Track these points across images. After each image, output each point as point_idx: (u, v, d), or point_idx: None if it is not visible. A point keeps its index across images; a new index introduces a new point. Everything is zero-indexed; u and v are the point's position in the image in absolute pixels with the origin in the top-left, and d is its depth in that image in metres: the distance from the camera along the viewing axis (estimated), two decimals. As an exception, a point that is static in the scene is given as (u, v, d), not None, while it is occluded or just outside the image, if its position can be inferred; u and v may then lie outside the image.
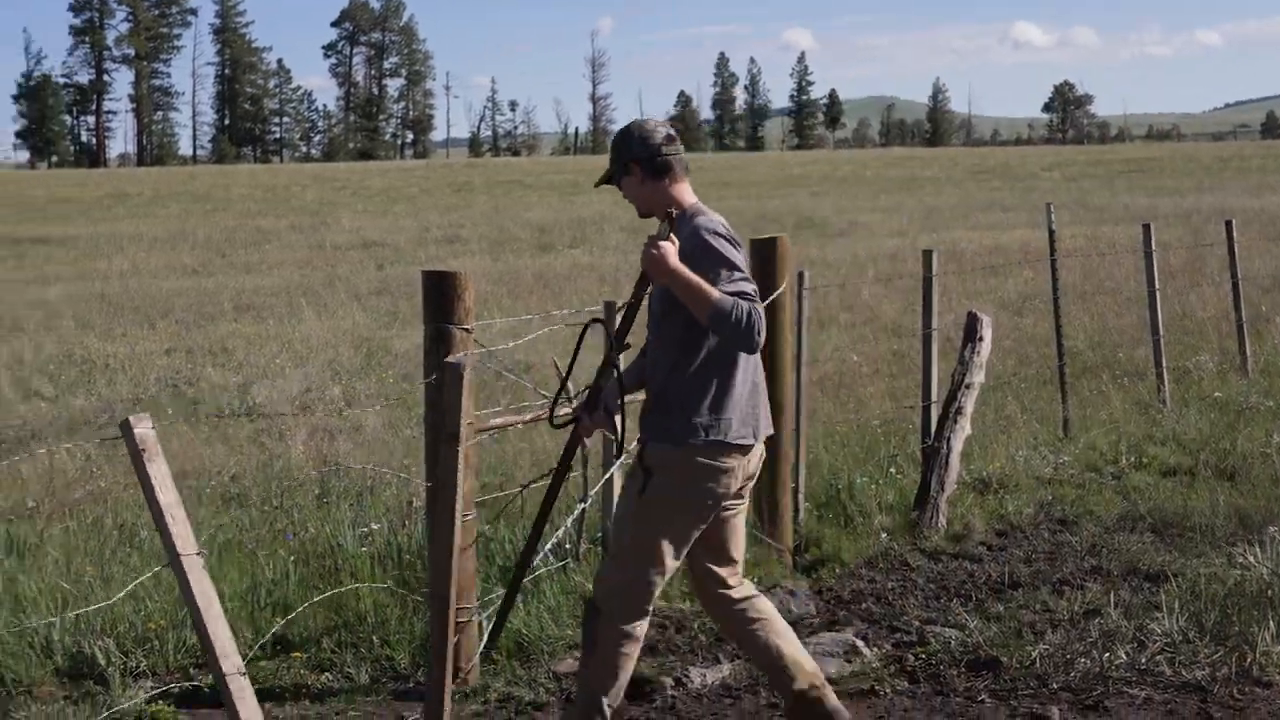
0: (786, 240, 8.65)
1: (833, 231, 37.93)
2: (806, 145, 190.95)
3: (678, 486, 5.49)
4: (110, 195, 70.92)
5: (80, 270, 34.99)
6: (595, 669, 5.67)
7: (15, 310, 24.71)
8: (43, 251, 40.64)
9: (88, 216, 57.07)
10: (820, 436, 11.25)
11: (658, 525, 5.53)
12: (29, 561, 8.40)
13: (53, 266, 36.35)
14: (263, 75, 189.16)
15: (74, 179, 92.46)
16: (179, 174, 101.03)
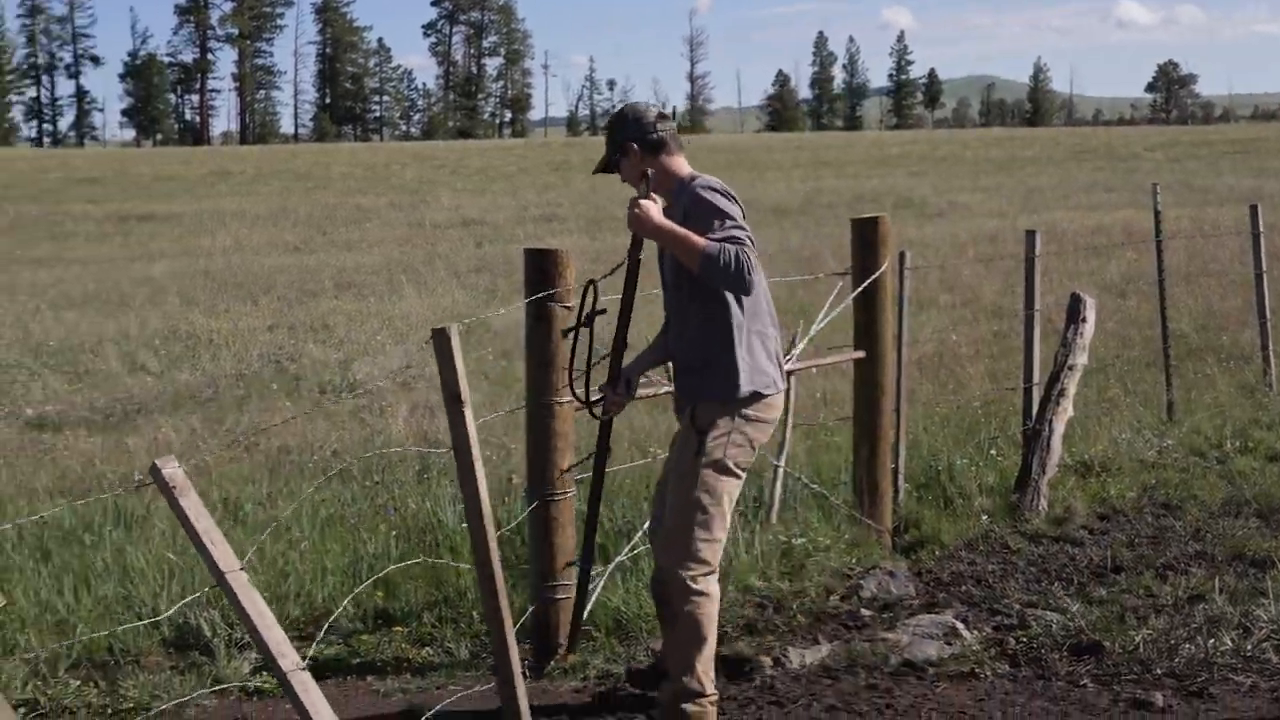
0: (888, 220, 8.59)
1: (931, 212, 37.64)
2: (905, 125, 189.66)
3: (730, 443, 5.71)
4: (213, 173, 71.70)
5: (184, 247, 35.40)
6: (682, 640, 5.75)
7: (122, 286, 25.04)
8: (148, 228, 41.16)
9: (191, 194, 57.73)
10: (920, 417, 11.18)
11: (716, 483, 5.71)
12: (136, 533, 8.52)
13: (158, 243, 36.81)
14: (363, 54, 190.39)
15: (178, 157, 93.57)
16: (281, 152, 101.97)
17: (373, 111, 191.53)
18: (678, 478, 5.80)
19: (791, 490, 8.89)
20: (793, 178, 57.39)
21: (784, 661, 6.75)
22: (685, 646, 5.76)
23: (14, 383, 15.14)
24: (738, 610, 7.41)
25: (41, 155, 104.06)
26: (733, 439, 5.71)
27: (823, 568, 7.97)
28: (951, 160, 69.53)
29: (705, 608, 5.73)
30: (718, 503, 5.72)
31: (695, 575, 5.70)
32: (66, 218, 44.74)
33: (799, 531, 8.26)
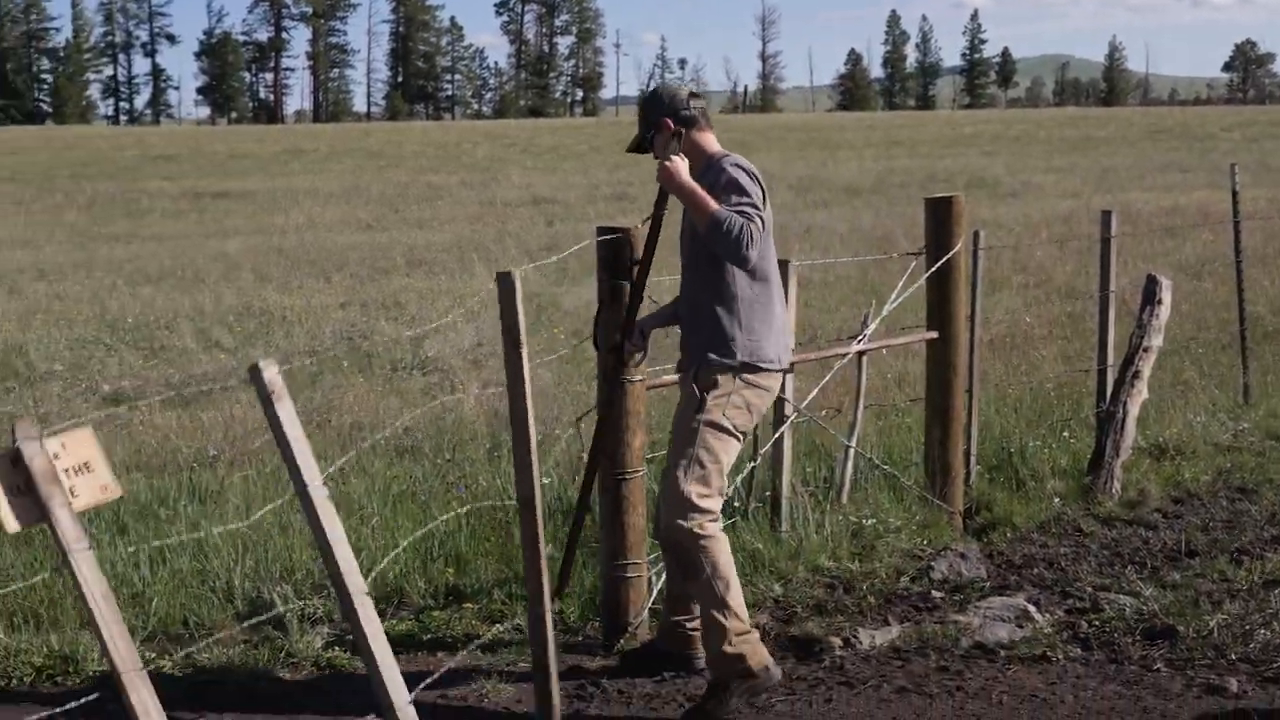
0: (962, 199, 8.54)
1: (1004, 192, 37.36)
2: (978, 104, 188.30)
3: (729, 404, 5.98)
4: (287, 151, 72.14)
5: (258, 224, 35.64)
6: (706, 584, 5.95)
7: (197, 263, 25.24)
8: (222, 205, 41.47)
9: (265, 171, 58.10)
10: (992, 399, 11.12)
11: (715, 441, 5.97)
12: (211, 508, 8.60)
13: (232, 220, 37.07)
14: (435, 33, 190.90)
15: (252, 135, 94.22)
16: (353, 130, 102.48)
17: (445, 90, 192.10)
18: (678, 435, 6.05)
19: (862, 471, 8.86)
20: (865, 157, 57.12)
21: (854, 642, 6.73)
22: (711, 589, 5.95)
23: (91, 358, 15.30)
24: (807, 590, 7.40)
25: (118, 133, 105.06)
26: (732, 400, 5.98)
27: (893, 549, 7.94)
28: (1025, 140, 68.99)
29: (717, 548, 5.97)
30: (715, 460, 5.98)
31: (700, 522, 5.93)
32: (143, 195, 45.15)
33: (869, 513, 8.24)
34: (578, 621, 7.11)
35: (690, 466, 5.96)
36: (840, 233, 25.87)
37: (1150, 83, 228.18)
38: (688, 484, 5.95)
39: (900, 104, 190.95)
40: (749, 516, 8.12)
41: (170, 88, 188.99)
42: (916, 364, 11.70)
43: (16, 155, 69.65)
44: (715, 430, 5.98)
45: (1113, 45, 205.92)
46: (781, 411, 8.03)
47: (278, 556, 7.66)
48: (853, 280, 19.22)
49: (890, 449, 9.57)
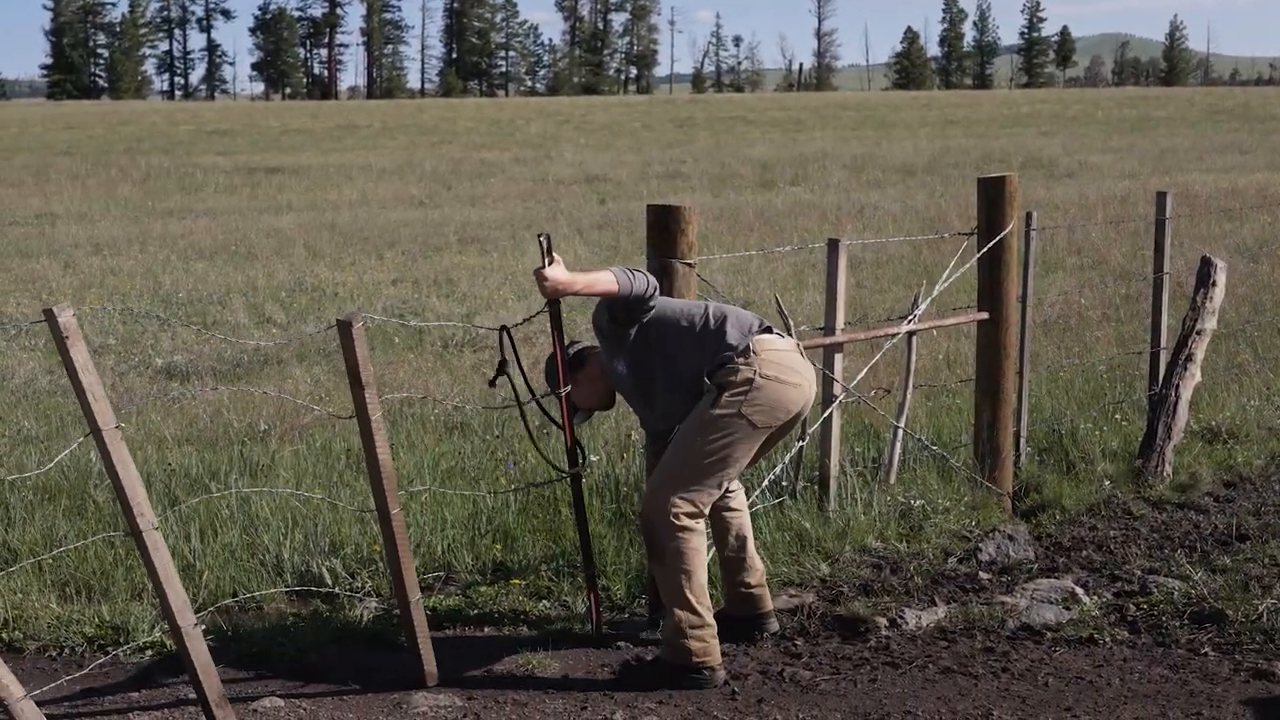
0: (1015, 179, 8.51)
1: (1061, 172, 37.11)
2: (1036, 84, 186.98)
3: (747, 401, 5.96)
4: (340, 127, 72.39)
5: (311, 200, 35.78)
6: (670, 574, 6.02)
7: (249, 238, 25.37)
8: (276, 180, 41.63)
9: (318, 147, 58.31)
10: (1043, 380, 11.08)
11: (727, 436, 5.96)
12: (261, 482, 8.68)
13: (285, 195, 37.21)
14: (490, 9, 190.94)
15: (306, 110, 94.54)
16: (407, 106, 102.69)
17: (498, 67, 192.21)
18: (687, 425, 6.05)
19: (911, 451, 8.86)
20: (920, 136, 56.85)
21: (900, 623, 6.75)
22: (673, 580, 6.02)
23: (144, 332, 15.43)
24: (854, 570, 7.42)
25: (173, 108, 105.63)
26: (750, 397, 5.96)
27: (941, 530, 7.96)
28: (1082, 120, 68.49)
29: (691, 542, 5.99)
30: (722, 455, 5.98)
31: (681, 513, 5.97)
32: (196, 170, 45.39)
33: (918, 493, 8.25)
34: (624, 599, 7.15)
35: (695, 455, 5.99)
36: (893, 213, 25.77)
37: (1211, 62, 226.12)
38: (686, 470, 5.99)
39: (956, 83, 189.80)
40: (797, 496, 8.14)
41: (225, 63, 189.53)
42: (967, 345, 11.67)
43: (73, 130, 70.18)
44: (730, 423, 5.97)
45: (1173, 24, 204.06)
46: (830, 391, 8.04)
47: (326, 530, 7.73)
48: (905, 260, 19.16)
49: (939, 430, 9.56)
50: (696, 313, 6.10)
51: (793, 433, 8.45)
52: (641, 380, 6.15)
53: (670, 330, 6.07)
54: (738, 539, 6.53)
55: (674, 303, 6.22)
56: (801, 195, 32.13)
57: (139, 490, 5.28)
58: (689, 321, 6.07)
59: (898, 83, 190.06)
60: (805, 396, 6.12)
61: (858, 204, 28.09)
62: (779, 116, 78.22)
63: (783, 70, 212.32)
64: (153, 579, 5.40)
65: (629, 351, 6.12)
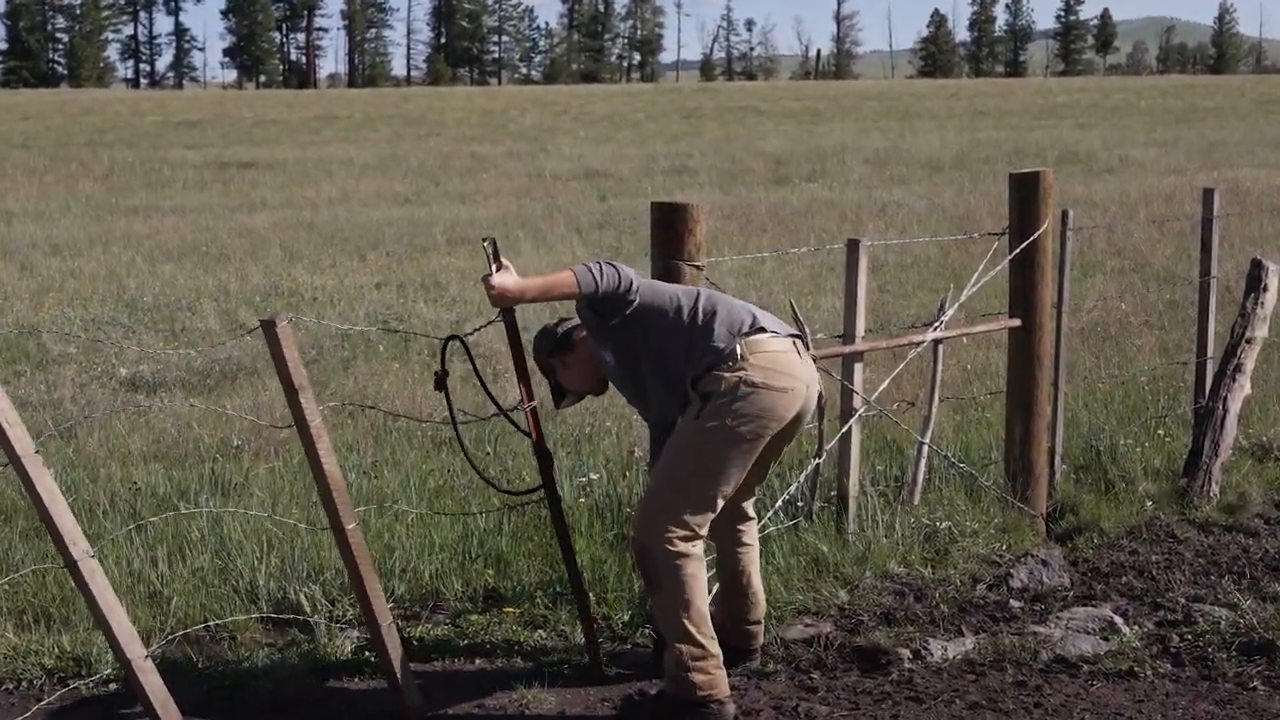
0: (1050, 175, 8.54)
1: (1100, 167, 37.15)
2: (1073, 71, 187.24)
3: (735, 412, 5.90)
4: (319, 117, 72.48)
5: (287, 197, 35.82)
6: (668, 606, 6.01)
7: (221, 238, 25.40)
8: (249, 176, 41.68)
9: (295, 140, 58.38)
10: (1080, 393, 11.11)
11: (716, 451, 5.92)
12: (234, 502, 8.70)
13: (259, 192, 37.26)
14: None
15: (282, 100, 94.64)
16: (391, 95, 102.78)
17: (491, 53, 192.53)
18: (673, 441, 6.03)
19: (937, 470, 8.88)
20: (947, 128, 56.89)
21: (924, 654, 6.77)
22: (671, 610, 6.01)
23: (107, 340, 15.46)
24: (875, 598, 7.44)
25: (138, 97, 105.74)
26: (737, 407, 5.90)
27: (969, 554, 7.98)
28: (1124, 110, 68.54)
29: (688, 568, 5.96)
30: (714, 471, 5.94)
31: (676, 537, 5.94)
32: (164, 164, 45.43)
33: (944, 514, 8.27)
34: (626, 628, 7.17)
35: (683, 474, 5.97)
36: (918, 211, 25.80)
37: (1264, 48, 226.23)
38: (675, 493, 5.96)
39: (987, 70, 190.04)
40: (813, 517, 8.16)
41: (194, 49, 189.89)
42: (998, 354, 11.69)
43: (29, 121, 70.27)
44: (719, 438, 5.93)
45: (1223, 7, 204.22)
46: (850, 404, 8.07)
47: (304, 554, 7.75)
48: (931, 263, 19.19)
49: (968, 446, 9.59)
50: (686, 304, 6.04)
51: (808, 449, 8.48)
52: (630, 370, 6.13)
53: (657, 322, 6.02)
54: (744, 574, 6.54)
55: (662, 289, 6.15)
56: (819, 192, 32.16)
57: (67, 518, 5.28)
58: (676, 313, 6.01)
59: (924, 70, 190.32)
60: (800, 400, 6.03)
61: (880, 201, 28.12)
62: (795, 107, 78.26)
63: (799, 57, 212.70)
64: (93, 611, 5.43)
65: (614, 340, 6.10)
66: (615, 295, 5.93)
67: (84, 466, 9.80)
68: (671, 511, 5.95)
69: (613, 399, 11.47)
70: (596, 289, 5.89)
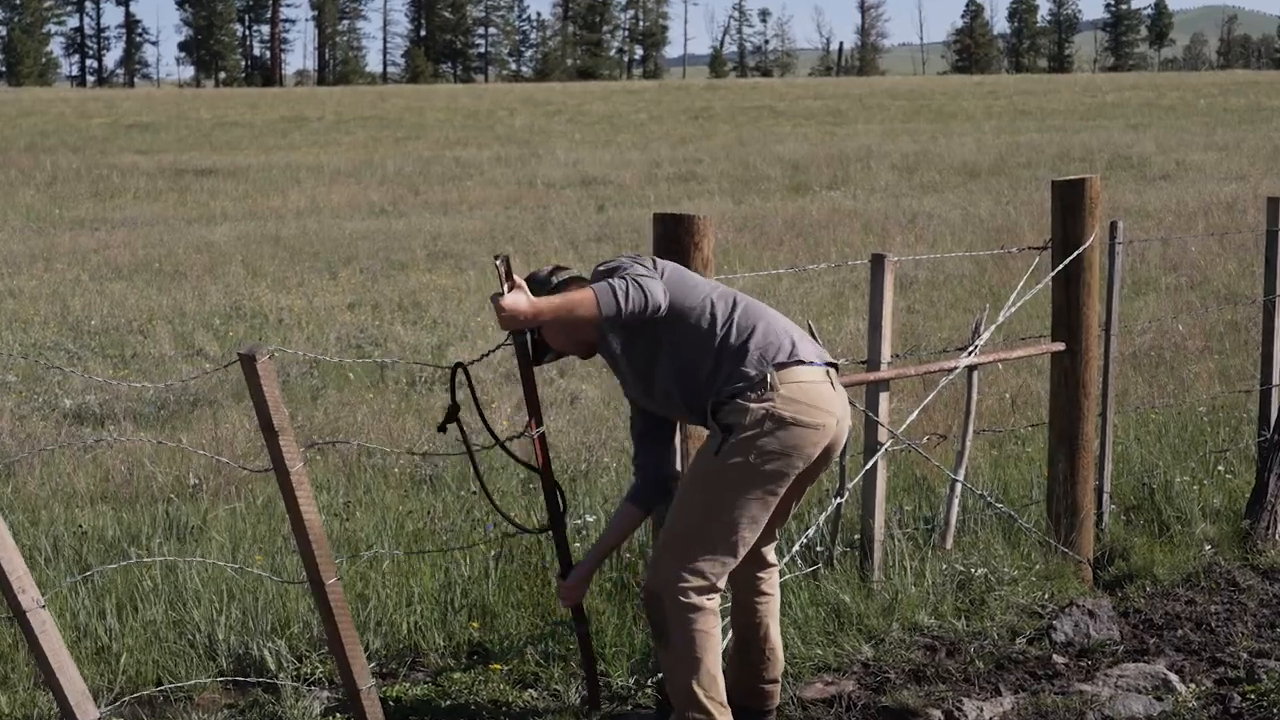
0: (1098, 182, 8.56)
1: (1154, 173, 37.25)
2: (1124, 66, 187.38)
3: (758, 448, 5.85)
4: (286, 119, 72.63)
5: (250, 207, 35.93)
6: (677, 665, 6.00)
7: (176, 253, 25.46)
8: (207, 184, 41.79)
9: (259, 144, 58.51)
10: (1131, 424, 11.12)
11: (737, 490, 5.88)
12: (191, 547, 8.71)
13: (219, 202, 37.36)
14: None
15: (244, 100, 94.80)
16: (366, 95, 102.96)
17: (476, 46, 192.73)
18: (690, 478, 6.02)
19: (972, 510, 8.89)
20: (984, 130, 57.02)
21: (958, 715, 6.78)
22: (681, 672, 6.00)
23: (50, 368, 15.47)
24: (903, 653, 7.45)
25: (84, 97, 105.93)
26: (761, 443, 5.85)
27: (1007, 604, 7.98)
28: (1181, 110, 68.67)
29: (700, 623, 5.95)
30: (734, 514, 5.90)
31: (690, 588, 5.92)
32: (113, 171, 45.54)
33: (979, 560, 8.27)
34: (626, 686, 7.17)
35: (699, 517, 5.94)
36: (952, 222, 25.87)
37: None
38: (691, 538, 5.94)
39: (1029, 65, 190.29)
40: (834, 563, 8.17)
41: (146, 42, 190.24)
42: (1039, 382, 11.71)
43: (-37, 123, 70.38)
44: (738, 476, 5.89)
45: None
46: (875, 437, 8.08)
47: (269, 606, 7.75)
48: (966, 280, 19.23)
49: (1006, 484, 9.60)
50: (720, 313, 5.96)
51: (829, 488, 8.49)
52: (640, 367, 6.10)
53: (683, 330, 5.96)
54: (762, 626, 6.51)
55: (694, 290, 6.04)
56: (841, 201, 32.23)
57: (17, 562, 5.29)
58: (709, 324, 5.93)
59: (958, 65, 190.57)
60: (831, 436, 5.99)
61: (909, 212, 28.17)
62: (814, 107, 78.40)
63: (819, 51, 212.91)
64: (43, 667, 5.43)
65: (627, 332, 6.06)
66: (637, 317, 5.87)
67: (23, 508, 9.82)
68: (686, 558, 5.92)
69: (612, 436, 11.50)
70: (619, 312, 5.80)
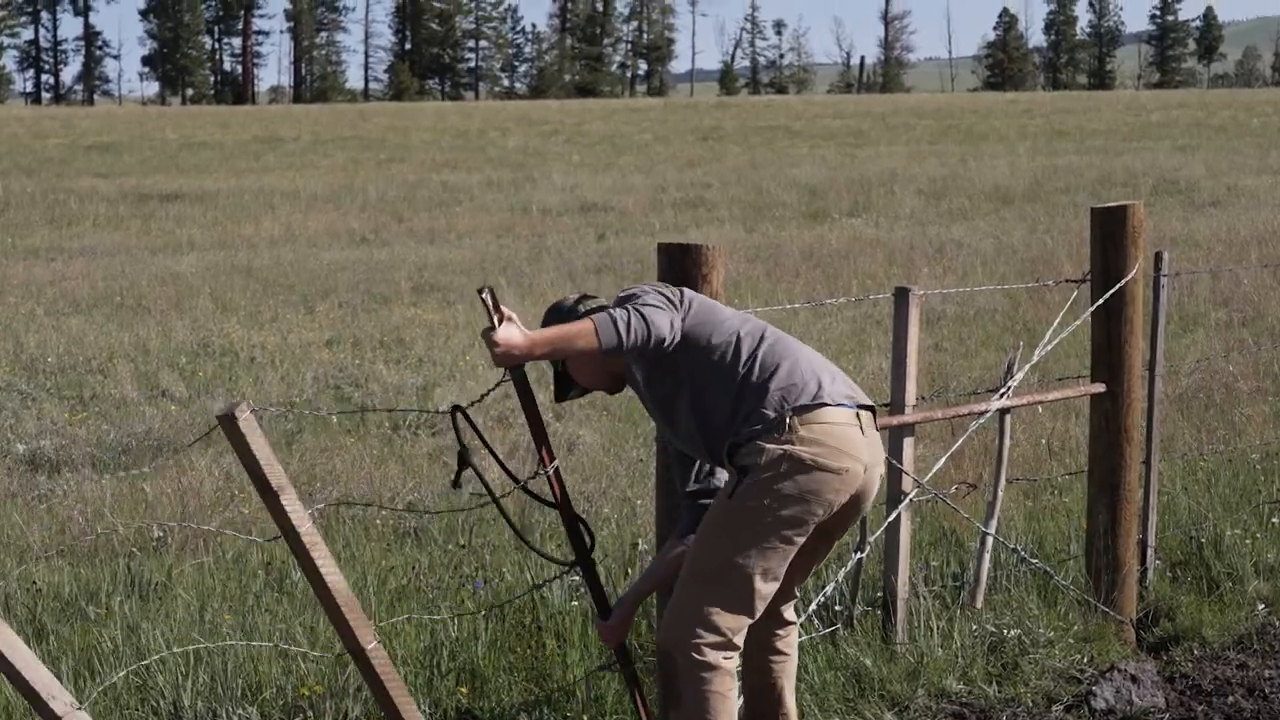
0: (1142, 209, 8.58)
1: (1203, 199, 37.28)
2: (1171, 83, 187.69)
3: (775, 491, 5.86)
4: (259, 139, 72.76)
5: (220, 236, 35.97)
6: None
7: (139, 286, 25.47)
8: (173, 210, 41.83)
9: (230, 167, 58.61)
10: (1178, 473, 11.11)
11: (752, 538, 5.89)
12: (154, 605, 8.70)
13: (186, 230, 37.40)
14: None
15: (213, 118, 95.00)
16: (346, 113, 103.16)
17: (466, 61, 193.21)
18: (704, 525, 6.03)
19: (1004, 566, 8.89)
20: (1018, 152, 57.07)
21: (989, 790, 6.78)
22: None
23: (2, 410, 15.51)
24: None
25: (40, 115, 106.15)
26: (778, 486, 5.85)
27: (1043, 668, 7.98)
28: (1232, 130, 68.75)
29: (715, 683, 5.96)
30: (750, 564, 5.91)
31: (705, 645, 5.93)
32: (70, 196, 45.58)
33: (1012, 620, 8.27)
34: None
35: (713, 567, 5.94)
36: (983, 252, 25.89)
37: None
38: (705, 590, 5.95)
39: (1067, 81, 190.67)
40: (855, 624, 8.17)
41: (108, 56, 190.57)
42: (1078, 426, 11.72)
43: (-92, 144, 70.51)
44: (754, 523, 5.90)
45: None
46: (898, 486, 8.09)
47: (239, 670, 7.75)
48: (998, 315, 19.24)
49: (1041, 538, 9.60)
50: (745, 348, 5.98)
51: (849, 542, 8.49)
52: (662, 399, 6.13)
53: (706, 365, 5.98)
54: (776, 689, 6.51)
55: (719, 321, 6.06)
56: (862, 229, 32.27)
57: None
58: (732, 359, 5.96)
59: (990, 81, 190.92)
60: (856, 484, 5.98)
61: (936, 241, 28.21)
62: (833, 126, 78.53)
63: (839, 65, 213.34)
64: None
65: (648, 362, 6.09)
66: (645, 349, 5.92)
67: (-29, 562, 9.82)
68: (701, 612, 5.93)
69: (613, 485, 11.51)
70: (620, 345, 5.86)
